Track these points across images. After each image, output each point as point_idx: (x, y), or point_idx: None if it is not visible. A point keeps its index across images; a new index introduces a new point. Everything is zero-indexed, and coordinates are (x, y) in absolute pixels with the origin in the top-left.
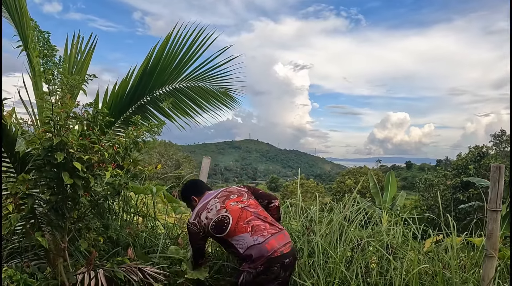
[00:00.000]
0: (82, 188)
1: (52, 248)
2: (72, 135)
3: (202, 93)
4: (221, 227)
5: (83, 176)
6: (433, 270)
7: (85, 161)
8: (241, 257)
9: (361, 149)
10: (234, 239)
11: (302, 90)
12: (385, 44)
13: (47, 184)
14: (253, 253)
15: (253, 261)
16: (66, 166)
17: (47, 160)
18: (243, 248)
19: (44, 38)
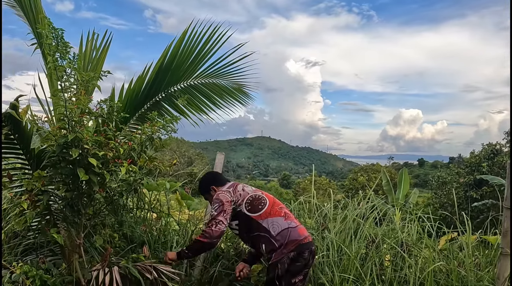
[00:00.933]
0: (97, 184)
1: (67, 244)
2: (87, 131)
3: (216, 90)
4: (257, 206)
5: (98, 172)
6: (448, 268)
7: (100, 157)
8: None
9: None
10: (267, 221)
11: (314, 87)
12: (397, 40)
13: (63, 180)
14: (287, 236)
15: (286, 245)
16: (81, 163)
17: (62, 156)
18: (276, 231)
19: (58, 35)
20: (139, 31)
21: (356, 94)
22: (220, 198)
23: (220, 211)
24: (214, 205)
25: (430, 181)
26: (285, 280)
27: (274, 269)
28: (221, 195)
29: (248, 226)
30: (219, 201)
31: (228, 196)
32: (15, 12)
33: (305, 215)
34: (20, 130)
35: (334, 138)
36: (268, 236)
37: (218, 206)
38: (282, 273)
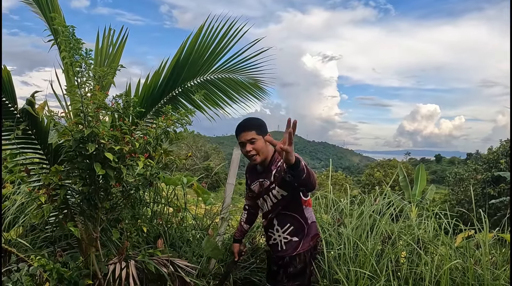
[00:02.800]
0: (114, 179)
1: (84, 238)
2: (103, 126)
3: (232, 85)
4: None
5: (115, 166)
6: (464, 266)
7: (116, 151)
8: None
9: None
10: (307, 209)
11: (331, 81)
12: (415, 34)
13: (80, 175)
14: (314, 229)
15: (313, 236)
16: (98, 157)
17: (78, 151)
18: (311, 220)
19: (69, 32)
20: (155, 26)
21: (373, 88)
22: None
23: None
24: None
25: (447, 178)
26: (309, 269)
27: (304, 259)
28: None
29: (292, 204)
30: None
31: None
32: (32, 9)
33: (321, 211)
34: (38, 126)
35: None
36: (304, 223)
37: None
38: (309, 262)
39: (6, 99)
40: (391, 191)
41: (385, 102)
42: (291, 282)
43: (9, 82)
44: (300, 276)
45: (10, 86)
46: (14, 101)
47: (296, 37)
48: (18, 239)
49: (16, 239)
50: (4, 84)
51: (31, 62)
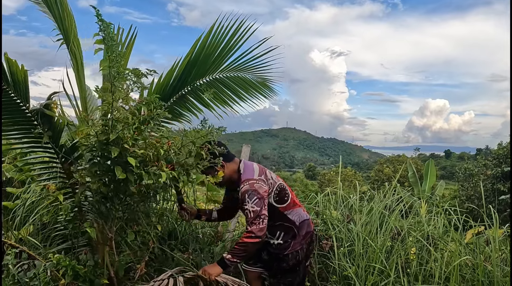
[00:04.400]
0: (133, 183)
1: (99, 237)
2: (128, 130)
3: (241, 83)
4: (283, 197)
5: (136, 172)
6: (474, 263)
7: (139, 156)
8: (295, 230)
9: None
10: (292, 212)
11: (339, 77)
12: (423, 29)
13: (100, 175)
14: (306, 227)
15: (305, 235)
16: (120, 161)
17: (101, 153)
18: (298, 220)
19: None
20: (163, 24)
21: (381, 84)
22: (257, 190)
23: (262, 205)
24: (252, 198)
25: (457, 173)
26: (302, 265)
27: (296, 256)
28: (257, 186)
29: (272, 215)
30: (257, 194)
31: (264, 186)
32: (40, 8)
33: (331, 207)
34: (50, 125)
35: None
36: (293, 226)
37: (259, 200)
38: (302, 259)
39: (17, 97)
40: (400, 187)
41: (394, 98)
42: (283, 278)
43: (24, 81)
44: (292, 273)
45: (24, 86)
46: (27, 100)
47: (304, 33)
48: (28, 237)
49: (26, 237)
50: (19, 83)
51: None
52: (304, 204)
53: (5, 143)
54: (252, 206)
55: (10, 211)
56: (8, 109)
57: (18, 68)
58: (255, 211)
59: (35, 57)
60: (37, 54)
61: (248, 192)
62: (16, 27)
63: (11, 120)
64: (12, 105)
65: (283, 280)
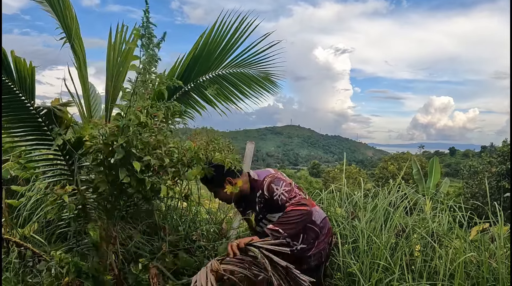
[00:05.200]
0: (135, 188)
1: (103, 235)
2: (135, 136)
3: (244, 79)
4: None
5: (140, 177)
6: (479, 260)
7: (144, 161)
8: (316, 230)
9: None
10: (312, 210)
11: (343, 74)
12: (427, 26)
13: (104, 176)
14: (327, 225)
15: (327, 233)
16: (125, 164)
17: (107, 155)
18: (319, 220)
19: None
20: (167, 22)
21: (385, 81)
22: (281, 178)
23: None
24: (279, 183)
25: (462, 171)
26: (324, 265)
27: (319, 257)
28: (279, 175)
29: None
30: (283, 180)
31: (285, 179)
32: (42, 7)
33: (335, 204)
34: (55, 124)
35: (364, 126)
36: (313, 225)
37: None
38: (324, 260)
39: (22, 95)
40: (405, 184)
41: (398, 95)
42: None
43: (31, 78)
44: (312, 272)
45: (31, 83)
46: (33, 97)
47: (307, 31)
48: (33, 234)
49: (31, 234)
50: (26, 80)
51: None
52: None
53: (10, 140)
54: (283, 189)
55: (15, 209)
56: (12, 106)
57: (25, 66)
58: (289, 191)
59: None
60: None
61: (272, 182)
62: (19, 26)
63: (15, 117)
64: (17, 103)
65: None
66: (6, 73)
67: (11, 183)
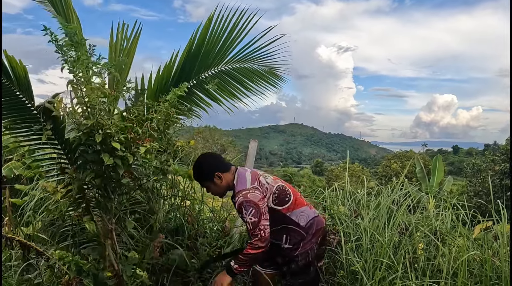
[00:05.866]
0: (122, 168)
1: (100, 230)
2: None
3: (247, 74)
4: (283, 198)
5: (122, 155)
6: (482, 258)
7: (122, 140)
8: (300, 232)
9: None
10: (295, 213)
11: (346, 72)
12: (430, 24)
13: (91, 167)
14: (315, 225)
15: (315, 233)
16: (106, 148)
17: (88, 144)
18: (305, 221)
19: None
20: (169, 21)
21: (389, 79)
22: (252, 200)
23: (260, 214)
24: (249, 209)
25: (465, 169)
26: (313, 265)
27: (306, 257)
28: (251, 195)
29: (273, 219)
30: (253, 204)
31: (258, 195)
32: (45, 7)
33: (338, 202)
34: (56, 122)
35: (367, 124)
36: (296, 227)
37: (255, 210)
38: (313, 259)
39: (22, 95)
40: (408, 182)
41: (401, 93)
42: (293, 279)
43: (25, 78)
44: (303, 274)
45: (26, 82)
46: (31, 97)
47: (310, 29)
48: (37, 233)
49: (34, 233)
50: (21, 80)
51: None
52: (312, 199)
53: (13, 140)
54: (250, 218)
55: (19, 208)
56: (15, 107)
57: (18, 65)
58: (254, 222)
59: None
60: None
61: (243, 204)
62: (22, 26)
63: (18, 117)
64: (18, 103)
65: (293, 281)
66: (4, 74)
67: (14, 182)
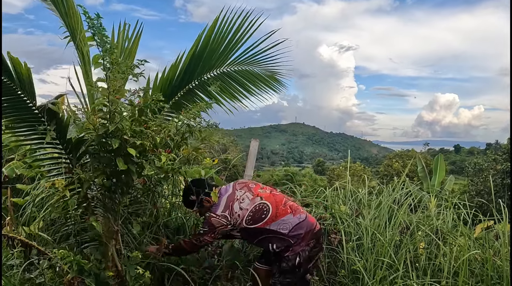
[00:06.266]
0: (136, 174)
1: (104, 231)
2: (125, 121)
3: (249, 77)
4: (259, 216)
5: (137, 161)
6: (483, 257)
7: (138, 146)
8: (285, 238)
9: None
10: (275, 224)
11: (348, 72)
12: (431, 23)
13: (102, 169)
14: (302, 231)
15: (303, 238)
16: (120, 152)
17: (101, 146)
18: (288, 229)
19: (94, 24)
20: (170, 21)
21: (390, 78)
22: (212, 223)
23: (209, 233)
24: (204, 226)
25: (466, 168)
26: (303, 267)
27: (295, 258)
28: (214, 220)
29: (251, 234)
30: (211, 226)
31: (224, 222)
32: (46, 6)
33: (339, 201)
34: (57, 121)
35: (368, 123)
36: (279, 235)
37: (209, 230)
38: (304, 260)
39: (24, 95)
40: (409, 182)
41: (402, 92)
42: (281, 277)
43: (28, 78)
44: (291, 273)
45: (29, 83)
46: (33, 97)
47: (311, 28)
48: (39, 232)
49: (37, 232)
50: (24, 81)
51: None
52: (313, 198)
53: (14, 140)
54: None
55: (20, 207)
56: (16, 106)
57: (21, 66)
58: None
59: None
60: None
61: (205, 221)
62: (24, 26)
63: (19, 117)
64: (20, 103)
65: (281, 279)
66: (6, 73)
67: (16, 181)
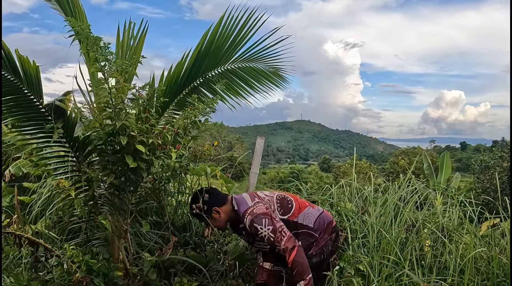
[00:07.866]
0: (145, 171)
1: (114, 230)
2: (131, 119)
3: (253, 74)
4: (286, 205)
5: (146, 158)
6: (489, 255)
7: (147, 144)
8: (312, 233)
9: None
10: (301, 216)
11: (353, 69)
12: (438, 19)
13: (110, 168)
14: (323, 221)
15: (325, 229)
16: (128, 150)
17: (109, 144)
18: (312, 221)
19: (88, 30)
20: (176, 19)
21: (396, 75)
22: (259, 213)
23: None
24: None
25: (473, 165)
26: (326, 262)
27: (320, 254)
28: (257, 210)
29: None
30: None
31: (262, 206)
32: (51, 5)
33: (345, 199)
34: (64, 119)
35: (374, 121)
36: (306, 230)
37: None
38: (327, 256)
39: (31, 93)
40: (415, 179)
41: (408, 89)
42: None
43: (36, 77)
44: (316, 269)
45: (37, 82)
46: (40, 96)
47: (317, 25)
48: (46, 230)
49: (44, 230)
50: (31, 79)
51: (53, 59)
52: (319, 196)
53: (20, 138)
54: (267, 228)
55: (27, 206)
56: (22, 105)
57: (30, 65)
58: (273, 229)
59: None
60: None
61: (254, 221)
62: (29, 25)
63: (26, 116)
64: (26, 101)
65: None
66: (13, 72)
67: (23, 180)
